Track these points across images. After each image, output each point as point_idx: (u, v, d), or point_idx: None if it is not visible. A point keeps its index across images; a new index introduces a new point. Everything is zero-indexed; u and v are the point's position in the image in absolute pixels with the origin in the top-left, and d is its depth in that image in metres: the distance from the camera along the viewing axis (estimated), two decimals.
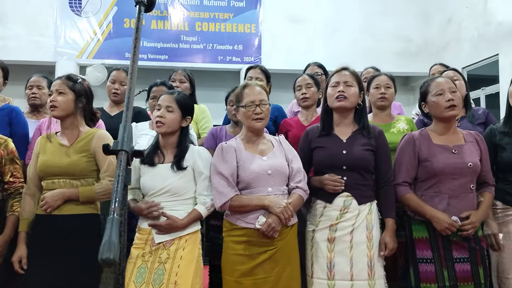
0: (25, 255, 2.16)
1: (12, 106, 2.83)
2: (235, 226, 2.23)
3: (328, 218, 2.32)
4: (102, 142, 2.21)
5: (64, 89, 2.23)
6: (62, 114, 2.24)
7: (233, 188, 2.21)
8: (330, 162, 2.36)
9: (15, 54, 6.82)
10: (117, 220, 0.83)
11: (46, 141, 2.29)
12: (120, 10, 7.08)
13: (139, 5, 1.17)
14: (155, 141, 2.35)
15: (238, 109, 2.31)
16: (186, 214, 2.23)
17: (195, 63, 7.16)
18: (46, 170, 2.21)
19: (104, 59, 6.97)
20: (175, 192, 2.23)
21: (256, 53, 7.29)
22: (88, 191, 2.19)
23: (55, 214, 2.16)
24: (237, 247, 2.20)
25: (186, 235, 2.23)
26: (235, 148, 2.28)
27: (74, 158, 2.20)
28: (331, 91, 2.40)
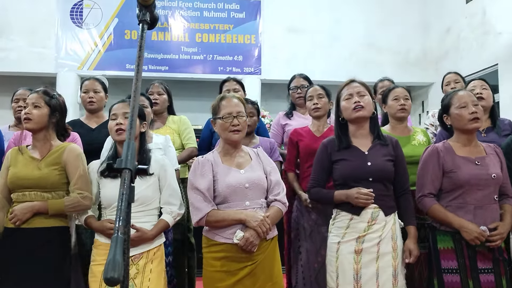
0: None
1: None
2: (213, 242, 2.20)
3: (355, 230, 2.30)
4: (73, 155, 2.25)
5: (40, 103, 2.25)
6: (35, 127, 2.25)
7: (210, 203, 2.18)
8: (356, 175, 2.35)
9: (17, 66, 6.87)
10: (121, 239, 0.83)
11: (18, 153, 2.29)
12: (120, 22, 7.12)
13: (142, 23, 1.17)
14: (113, 151, 2.32)
15: (216, 121, 2.29)
16: (153, 225, 2.23)
17: (196, 73, 7.20)
18: (17, 182, 2.21)
19: (105, 70, 6.99)
20: (143, 202, 2.22)
21: (256, 63, 7.32)
22: (57, 204, 2.19)
23: (24, 227, 2.15)
24: (216, 263, 2.18)
25: (154, 248, 2.23)
26: (211, 162, 2.25)
27: (45, 171, 2.21)
28: (346, 104, 2.41)
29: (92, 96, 3.17)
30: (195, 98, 7.21)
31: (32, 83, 6.98)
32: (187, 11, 7.26)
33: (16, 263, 2.11)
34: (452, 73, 3.83)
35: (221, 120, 2.24)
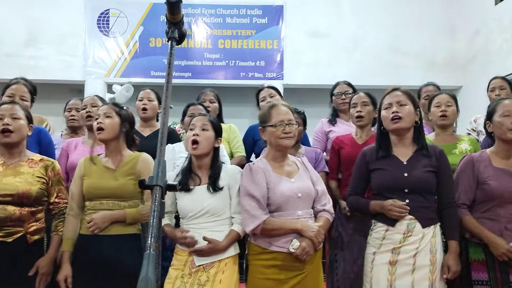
0: (70, 274, 2.20)
1: (40, 128, 2.93)
2: (264, 250, 2.20)
3: (390, 242, 2.27)
4: (146, 165, 2.31)
5: (111, 113, 2.32)
6: (108, 136, 2.30)
7: (264, 210, 2.18)
8: (391, 185, 2.32)
9: (46, 74, 7.08)
10: (153, 256, 0.86)
11: (90, 163, 2.34)
12: (146, 30, 7.26)
13: (171, 40, 1.21)
14: (187, 164, 2.36)
15: (265, 129, 2.29)
16: (225, 235, 2.24)
17: (218, 79, 7.25)
18: (94, 192, 2.26)
19: (130, 78, 7.14)
20: (214, 213, 2.24)
21: (278, 68, 7.33)
22: (134, 213, 2.25)
23: (101, 235, 2.21)
24: (266, 271, 2.17)
25: (226, 259, 2.24)
26: (263, 170, 2.25)
27: (122, 181, 2.26)
28: (385, 113, 2.37)
29: (145, 103, 3.24)
30: None
31: (61, 91, 7.22)
32: (210, 18, 7.34)
33: (92, 269, 2.18)
34: (499, 79, 3.65)
35: (273, 128, 2.24)
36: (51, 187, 2.29)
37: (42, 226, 2.25)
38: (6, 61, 7.09)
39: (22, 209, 2.15)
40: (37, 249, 2.21)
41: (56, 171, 2.32)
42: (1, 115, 2.21)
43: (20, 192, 2.14)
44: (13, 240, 2.13)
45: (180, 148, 2.92)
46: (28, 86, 2.87)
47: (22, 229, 2.15)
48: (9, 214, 2.12)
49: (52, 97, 6.45)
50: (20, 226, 2.15)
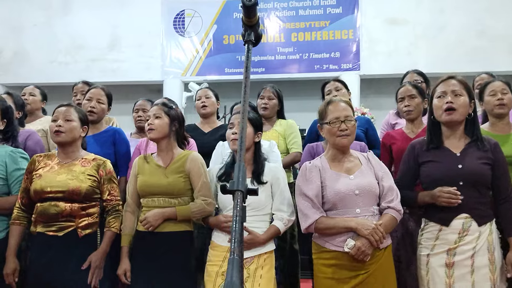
0: (129, 269, 2.30)
1: (115, 128, 3.09)
2: (323, 249, 2.15)
3: (445, 242, 2.14)
4: (195, 164, 2.36)
5: (160, 114, 2.39)
6: (158, 136, 2.38)
7: (318, 209, 2.13)
8: (444, 178, 2.17)
9: (128, 75, 7.47)
10: (237, 261, 0.86)
11: (144, 162, 2.43)
12: (219, 28, 7.38)
13: (248, 43, 1.19)
14: (231, 159, 2.41)
15: (322, 126, 2.23)
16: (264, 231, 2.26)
17: (291, 73, 7.20)
18: (146, 190, 2.35)
19: (206, 76, 7.31)
20: (255, 207, 2.26)
21: (354, 59, 7.11)
22: (184, 210, 2.30)
23: (156, 232, 2.29)
24: (327, 270, 2.12)
25: (265, 254, 2.25)
26: (319, 168, 2.20)
27: (172, 178, 2.33)
28: (437, 102, 2.22)
29: (204, 101, 3.32)
30: (291, 98, 7.17)
31: (141, 91, 7.54)
32: (282, 12, 7.29)
33: (148, 264, 2.27)
34: None
35: (328, 125, 2.17)
36: (103, 185, 2.38)
37: (94, 221, 2.33)
38: (92, 65, 7.56)
39: (72, 205, 2.25)
40: (88, 243, 2.30)
41: (107, 170, 2.40)
42: (56, 117, 2.35)
43: (71, 189, 2.24)
44: (64, 234, 2.23)
45: None
46: (105, 90, 3.02)
47: (73, 224, 2.25)
48: (60, 210, 2.23)
49: (133, 98, 6.69)
50: (71, 221, 2.25)
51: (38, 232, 2.23)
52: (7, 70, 7.78)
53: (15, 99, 3.03)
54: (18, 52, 7.81)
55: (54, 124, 2.31)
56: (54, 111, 2.39)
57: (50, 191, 2.21)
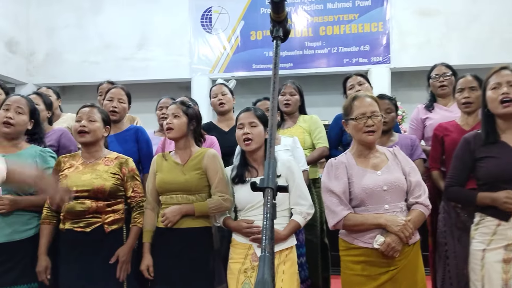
0: (151, 264, 2.34)
1: (137, 126, 3.15)
2: (351, 246, 2.13)
3: (503, 238, 2.08)
4: (212, 160, 2.39)
5: (178, 113, 2.43)
6: (177, 135, 2.42)
7: (346, 206, 2.11)
8: (504, 174, 2.11)
9: (156, 74, 7.56)
10: (268, 258, 0.87)
11: (162, 160, 2.47)
12: (246, 24, 7.36)
13: (276, 40, 1.18)
14: (241, 157, 2.42)
15: (348, 122, 2.20)
16: (284, 227, 2.26)
17: (320, 68, 7.12)
18: (165, 187, 2.39)
19: (233, 72, 7.32)
20: None
21: (385, 52, 6.97)
22: (202, 206, 2.34)
23: (174, 228, 2.33)
24: (355, 267, 2.10)
25: (286, 250, 2.25)
26: (345, 164, 2.17)
27: (189, 175, 2.36)
28: (492, 94, 2.15)
29: (221, 98, 3.32)
30: (319, 93, 7.14)
31: (170, 88, 7.63)
32: (310, 5, 7.20)
33: (168, 259, 2.32)
34: None
35: (354, 121, 2.15)
36: (126, 183, 2.43)
37: (120, 217, 2.40)
38: (122, 64, 7.68)
39: (98, 203, 2.31)
40: (115, 238, 2.36)
41: (130, 168, 2.45)
42: (80, 118, 2.40)
43: (95, 187, 2.30)
44: (91, 230, 2.29)
45: None
46: (125, 89, 3.07)
47: (99, 220, 2.31)
48: (86, 208, 2.29)
49: (162, 95, 6.79)
50: (97, 218, 2.31)
51: (66, 229, 2.30)
52: (40, 71, 7.99)
53: (44, 98, 3.09)
54: (51, 53, 8.00)
55: (78, 125, 2.36)
56: (78, 112, 2.44)
57: (76, 190, 2.26)
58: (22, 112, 2.39)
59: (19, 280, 2.23)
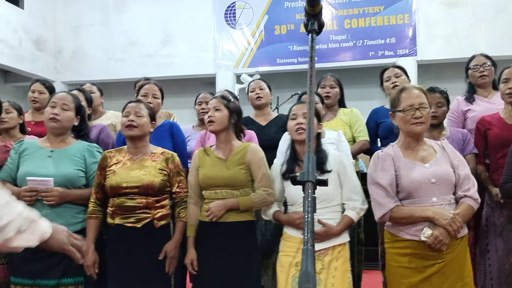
0: (195, 258, 2.36)
1: (172, 122, 3.15)
2: (398, 238, 2.12)
3: None
4: (255, 155, 2.40)
5: (220, 106, 2.43)
6: (218, 128, 2.42)
7: (393, 198, 2.09)
8: None
9: (181, 70, 7.62)
10: (311, 251, 0.88)
11: (204, 154, 2.48)
12: (270, 18, 7.35)
13: (311, 33, 1.17)
14: (291, 152, 2.40)
15: (395, 114, 2.17)
16: (338, 221, 2.24)
17: (345, 61, 7.06)
18: (208, 182, 2.40)
19: (257, 67, 7.31)
20: (324, 199, 2.24)
21: (411, 44, 6.87)
22: (246, 201, 2.34)
23: (218, 222, 2.34)
24: (401, 259, 2.09)
25: (339, 246, 2.23)
26: (392, 156, 2.15)
27: (233, 170, 2.37)
28: None
29: (258, 92, 3.33)
30: (345, 86, 7.02)
31: (194, 84, 7.68)
32: None
33: (213, 253, 2.32)
34: None
35: (402, 113, 2.12)
36: (172, 178, 2.43)
37: (167, 212, 2.41)
38: (147, 61, 7.76)
39: (147, 199, 2.33)
40: (163, 233, 2.38)
41: (175, 163, 2.46)
42: (128, 112, 2.42)
43: (145, 183, 2.31)
44: (142, 226, 2.31)
45: None
46: (158, 85, 3.09)
47: (149, 215, 2.33)
48: (137, 203, 2.32)
49: (187, 91, 6.89)
50: (147, 213, 2.33)
51: (116, 224, 2.31)
52: (67, 69, 8.15)
53: (86, 95, 3.12)
54: (77, 51, 8.15)
55: (126, 119, 2.38)
56: (125, 107, 2.46)
57: (126, 186, 2.29)
58: (68, 108, 2.41)
59: (66, 273, 2.25)
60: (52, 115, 2.36)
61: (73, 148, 2.42)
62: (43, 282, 2.21)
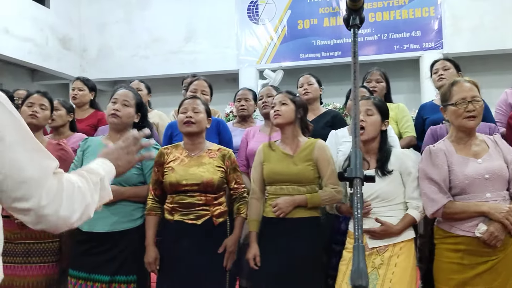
0: (258, 253, 2.34)
1: (218, 119, 3.13)
2: (449, 234, 2.08)
3: None
4: (323, 152, 2.35)
5: (286, 100, 2.41)
6: (284, 121, 2.39)
7: (445, 194, 2.05)
8: None
9: (204, 66, 7.64)
10: (362, 248, 0.88)
11: (269, 149, 2.45)
12: (293, 13, 7.32)
13: (353, 28, 1.16)
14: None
15: (446, 108, 2.13)
16: (399, 220, 2.18)
17: (370, 55, 6.98)
18: (274, 177, 2.38)
19: (280, 62, 7.30)
20: (384, 198, 2.19)
21: (437, 37, 6.76)
22: (315, 198, 2.31)
23: (284, 218, 2.31)
24: (453, 255, 2.05)
25: (401, 243, 2.17)
26: (444, 151, 2.11)
27: (301, 167, 2.34)
28: None
29: (306, 88, 3.32)
30: None
31: (217, 80, 7.65)
32: None
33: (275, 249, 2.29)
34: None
35: (454, 107, 2.08)
36: (229, 175, 2.42)
37: (225, 209, 2.41)
38: (171, 57, 7.83)
39: (207, 196, 2.33)
40: (221, 230, 2.38)
41: (232, 160, 2.45)
42: (185, 109, 2.41)
43: (205, 181, 2.30)
44: (202, 223, 2.31)
45: (343, 133, 2.85)
46: (207, 81, 3.09)
47: (208, 213, 2.33)
48: (196, 201, 2.32)
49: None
50: (206, 210, 2.33)
51: (175, 220, 2.31)
52: (93, 67, 8.27)
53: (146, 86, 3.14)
54: (102, 48, 8.26)
55: (184, 116, 2.37)
56: (182, 103, 2.47)
57: (186, 184, 2.29)
58: (128, 105, 2.42)
59: (119, 271, 2.27)
60: (113, 110, 2.38)
61: None
62: (97, 277, 2.25)
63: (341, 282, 2.15)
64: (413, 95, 6.93)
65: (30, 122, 2.50)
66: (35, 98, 2.60)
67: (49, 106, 2.64)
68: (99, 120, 3.47)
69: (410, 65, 7.05)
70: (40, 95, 2.63)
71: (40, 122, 2.58)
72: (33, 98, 2.59)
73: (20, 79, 7.87)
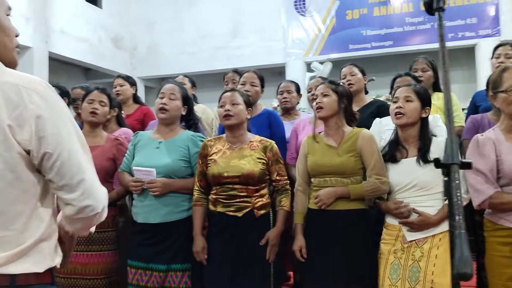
0: (304, 245, 2.33)
1: (270, 110, 3.13)
2: (498, 226, 2.00)
3: None
4: (367, 142, 2.30)
5: (328, 92, 2.37)
6: (327, 114, 2.36)
7: (492, 184, 1.97)
8: None
9: (251, 60, 7.64)
10: (464, 235, 0.88)
11: (313, 141, 2.43)
12: (342, 3, 7.19)
13: (439, 11, 1.13)
14: (394, 136, 2.31)
15: (496, 95, 2.04)
16: (437, 210, 2.12)
17: (422, 44, 6.76)
18: (318, 169, 2.36)
19: (329, 54, 7.20)
20: (422, 187, 2.15)
21: (494, 24, 6.45)
22: (358, 189, 2.27)
23: (328, 209, 2.30)
24: (503, 248, 1.97)
25: (440, 234, 2.12)
26: (493, 141, 2.02)
27: (344, 158, 2.31)
28: None
29: (350, 79, 3.27)
30: None
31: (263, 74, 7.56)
32: None
33: (322, 241, 2.29)
34: None
35: (505, 94, 1.99)
36: (271, 167, 2.41)
37: (267, 201, 2.40)
38: (217, 53, 7.89)
39: (248, 188, 2.33)
40: (263, 223, 2.37)
41: (274, 151, 2.43)
42: (223, 102, 2.43)
43: (245, 173, 2.31)
44: (243, 215, 2.32)
45: (387, 121, 2.78)
46: (258, 73, 3.10)
47: (249, 205, 2.33)
48: (238, 193, 2.33)
49: None
50: (247, 202, 2.33)
51: (218, 211, 2.34)
52: (143, 64, 8.48)
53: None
54: (151, 46, 8.45)
55: (223, 109, 2.40)
56: (221, 97, 2.49)
57: (227, 176, 2.31)
58: (175, 98, 2.48)
59: (174, 260, 2.33)
60: (161, 105, 2.44)
61: (179, 139, 2.49)
62: (155, 266, 2.32)
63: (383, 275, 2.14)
64: (468, 85, 6.66)
65: (90, 120, 2.61)
66: (95, 95, 2.67)
67: (107, 102, 2.71)
68: (145, 114, 3.61)
69: (465, 53, 6.76)
70: (99, 91, 2.71)
71: (100, 118, 2.66)
72: (93, 95, 2.67)
73: (74, 78, 8.18)
